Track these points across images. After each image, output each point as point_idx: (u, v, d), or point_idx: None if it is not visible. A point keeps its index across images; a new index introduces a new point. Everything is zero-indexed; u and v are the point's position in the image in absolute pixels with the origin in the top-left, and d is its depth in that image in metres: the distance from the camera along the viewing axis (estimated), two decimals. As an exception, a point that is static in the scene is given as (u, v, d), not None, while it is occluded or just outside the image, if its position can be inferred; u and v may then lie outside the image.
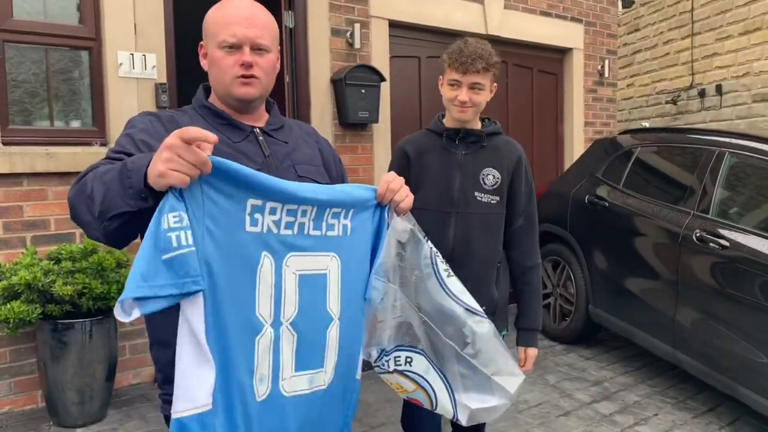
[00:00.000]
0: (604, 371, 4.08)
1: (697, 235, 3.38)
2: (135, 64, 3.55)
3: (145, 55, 3.58)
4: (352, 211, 1.37)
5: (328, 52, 4.38)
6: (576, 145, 5.99)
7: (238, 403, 1.18)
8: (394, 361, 1.44)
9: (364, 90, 4.35)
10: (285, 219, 1.24)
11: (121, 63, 3.52)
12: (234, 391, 1.17)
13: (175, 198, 1.08)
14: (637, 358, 4.27)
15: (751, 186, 3.42)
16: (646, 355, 4.21)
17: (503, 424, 3.26)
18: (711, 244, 3.29)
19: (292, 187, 1.24)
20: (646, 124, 7.16)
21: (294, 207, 1.25)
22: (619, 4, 6.52)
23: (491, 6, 5.23)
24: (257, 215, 1.20)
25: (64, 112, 3.52)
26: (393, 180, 1.43)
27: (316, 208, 1.29)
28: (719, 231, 3.29)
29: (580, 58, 6.02)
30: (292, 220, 1.25)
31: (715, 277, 3.28)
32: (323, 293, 1.33)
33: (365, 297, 1.41)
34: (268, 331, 1.23)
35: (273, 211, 1.22)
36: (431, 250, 1.45)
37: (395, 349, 1.43)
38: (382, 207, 1.43)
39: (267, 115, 1.63)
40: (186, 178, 1.08)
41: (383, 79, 4.46)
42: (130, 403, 3.42)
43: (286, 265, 1.25)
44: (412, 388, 1.46)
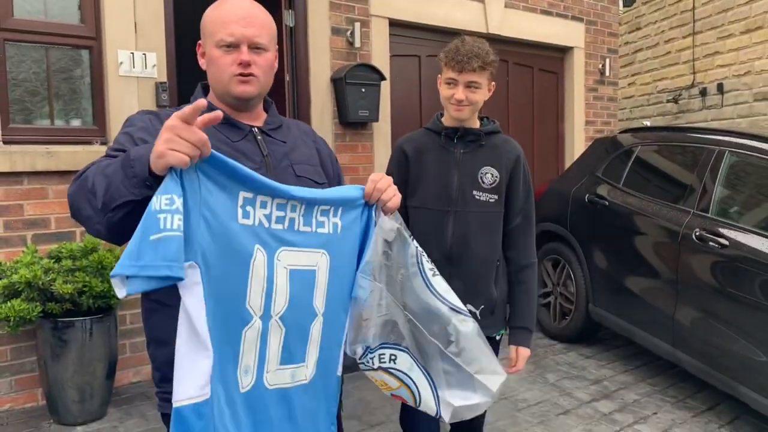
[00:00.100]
0: (603, 370, 4.08)
1: (696, 234, 3.38)
2: (135, 63, 3.56)
3: (145, 54, 3.59)
4: (341, 210, 1.38)
5: (329, 50, 4.38)
6: (577, 144, 5.99)
7: (222, 392, 1.18)
8: (379, 358, 1.45)
9: (365, 89, 4.35)
10: (275, 213, 1.26)
11: (121, 62, 3.53)
12: (220, 381, 1.18)
13: (173, 181, 1.07)
14: (637, 357, 4.27)
15: (750, 185, 3.42)
16: (645, 353, 4.21)
17: (502, 423, 3.26)
18: (710, 243, 3.29)
19: (280, 185, 1.25)
20: (647, 123, 7.16)
21: (283, 201, 1.26)
22: (620, 2, 6.52)
23: (492, 5, 5.23)
24: (249, 208, 1.21)
25: (64, 110, 3.53)
26: (380, 179, 1.44)
27: (304, 205, 1.30)
28: (719, 230, 3.29)
29: (580, 56, 6.02)
30: (282, 214, 1.27)
31: (714, 276, 3.28)
32: (311, 289, 1.34)
33: (351, 295, 1.43)
34: (257, 324, 1.24)
35: (263, 204, 1.23)
36: (417, 249, 1.47)
37: (380, 346, 1.45)
38: (369, 206, 1.44)
39: (265, 114, 1.63)
40: (185, 158, 1.06)
41: (383, 78, 4.46)
42: (131, 401, 3.43)
43: (278, 259, 1.26)
44: (396, 385, 1.48)
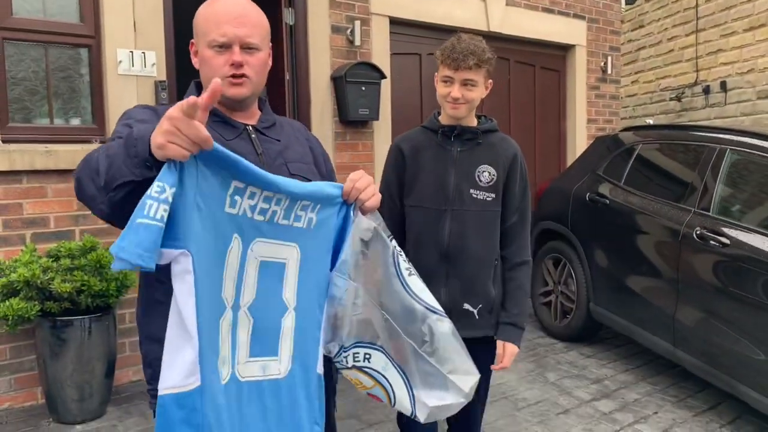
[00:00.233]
0: (604, 369, 4.06)
1: (697, 232, 3.36)
2: (134, 61, 3.56)
3: (144, 53, 3.59)
4: (319, 206, 1.38)
5: (329, 49, 4.37)
6: (578, 142, 5.97)
7: (209, 383, 1.17)
8: (353, 357, 1.45)
9: (365, 87, 4.34)
10: (261, 205, 1.26)
11: (120, 60, 3.52)
12: (206, 371, 1.16)
13: (169, 170, 1.06)
14: (638, 356, 4.26)
15: (752, 183, 3.40)
16: (646, 353, 4.19)
17: (502, 422, 3.25)
18: (711, 241, 3.26)
19: (272, 177, 1.25)
20: (650, 121, 7.11)
21: (271, 195, 1.26)
22: (622, 0, 6.49)
23: (493, 2, 5.21)
24: (237, 197, 1.21)
25: (63, 109, 3.53)
26: (359, 178, 1.43)
27: (289, 199, 1.30)
28: (720, 229, 3.27)
29: (582, 54, 6.00)
30: (266, 207, 1.27)
31: (715, 275, 3.26)
32: (280, 282, 1.33)
33: (327, 294, 1.42)
34: (229, 314, 1.24)
35: (252, 195, 1.23)
36: (395, 249, 1.47)
37: (354, 345, 1.45)
38: (348, 205, 1.43)
39: (259, 112, 1.62)
40: (185, 152, 1.06)
41: (384, 77, 4.45)
42: (130, 399, 3.43)
43: (251, 249, 1.27)
44: (371, 384, 1.48)
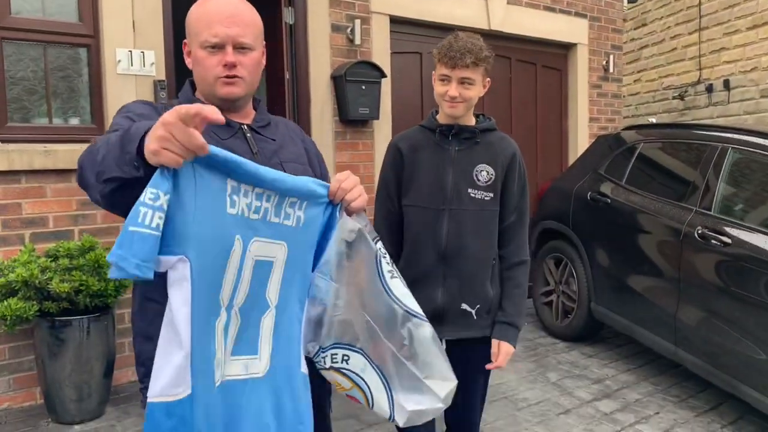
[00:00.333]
0: (606, 369, 4.04)
1: (699, 232, 3.34)
2: (133, 61, 3.55)
3: (143, 52, 3.58)
4: (306, 204, 1.36)
5: (329, 48, 4.35)
6: (580, 141, 5.94)
7: (199, 392, 1.15)
8: (331, 358, 1.44)
9: (365, 86, 4.33)
10: (254, 203, 1.24)
11: (119, 60, 3.51)
12: (199, 378, 1.14)
13: (162, 176, 1.04)
14: (639, 356, 4.23)
15: (754, 182, 3.37)
16: (648, 352, 4.17)
17: (502, 423, 3.23)
18: (713, 241, 3.24)
19: (262, 170, 1.23)
20: (653, 120, 7.09)
21: (261, 191, 1.25)
22: (625, -2, 6.46)
23: (494, 1, 5.18)
24: (235, 197, 1.19)
25: (62, 109, 3.52)
26: (346, 179, 1.42)
27: (278, 195, 1.29)
28: (721, 228, 3.25)
29: (584, 53, 5.97)
30: (259, 204, 1.25)
31: (717, 275, 3.24)
32: (266, 280, 1.32)
33: (308, 293, 1.41)
34: (223, 315, 1.22)
35: (246, 193, 1.22)
36: (379, 251, 1.45)
37: (332, 346, 1.44)
38: (334, 205, 1.42)
39: (254, 112, 1.61)
40: (179, 159, 1.03)
41: (384, 76, 4.43)
42: (129, 399, 3.42)
43: (249, 249, 1.25)
44: (349, 386, 1.47)
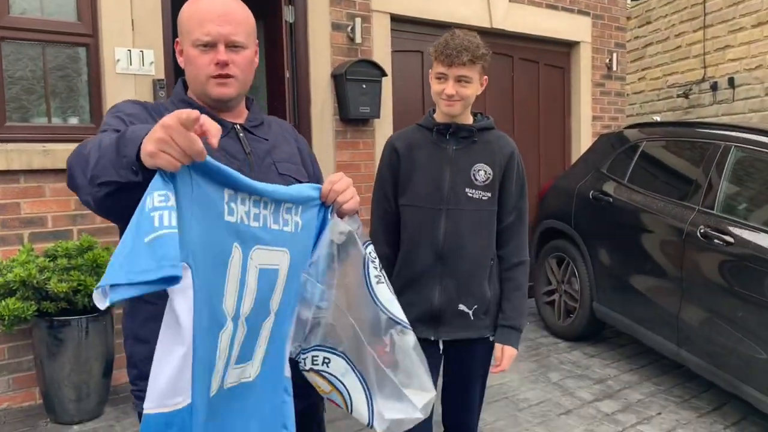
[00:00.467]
0: (608, 369, 4.02)
1: (701, 231, 3.31)
2: (132, 60, 3.54)
3: (142, 51, 3.57)
4: (301, 208, 1.35)
5: (329, 47, 4.34)
6: (583, 140, 5.90)
7: (199, 400, 1.14)
8: (311, 360, 1.42)
9: (365, 85, 4.31)
10: (253, 210, 1.22)
11: (118, 59, 3.50)
12: (198, 388, 1.13)
13: (164, 179, 1.02)
14: (642, 356, 4.20)
15: (757, 181, 3.34)
16: (651, 352, 4.14)
17: (502, 423, 3.21)
18: (715, 240, 3.21)
19: (255, 184, 1.22)
20: (657, 118, 7.04)
21: (258, 198, 1.24)
22: (628, -4, 6.42)
23: (496, -1, 5.16)
24: (233, 204, 1.18)
25: (61, 108, 3.52)
26: (338, 180, 1.40)
27: (274, 203, 1.27)
28: (724, 227, 3.22)
29: (587, 51, 5.93)
30: (257, 212, 1.24)
31: (719, 274, 3.21)
32: (272, 289, 1.30)
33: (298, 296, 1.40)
34: (229, 326, 1.20)
35: (243, 201, 1.20)
36: (368, 255, 1.44)
37: (313, 348, 1.42)
38: (326, 207, 1.40)
39: (247, 111, 1.59)
40: (177, 163, 1.01)
41: (384, 74, 4.41)
42: (128, 400, 3.40)
43: (251, 258, 1.23)
44: (328, 389, 1.45)
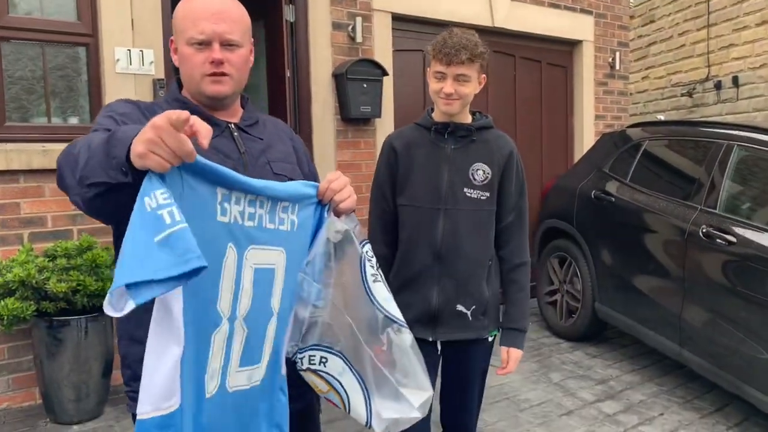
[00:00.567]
0: (610, 369, 4.00)
1: (703, 230, 3.29)
2: (132, 60, 3.53)
3: (142, 51, 3.56)
4: (297, 207, 1.34)
5: (330, 46, 4.32)
6: (586, 139, 5.88)
7: (193, 401, 1.13)
8: (309, 359, 1.42)
9: (366, 84, 4.29)
10: (248, 210, 1.22)
11: (118, 59, 3.50)
12: (189, 389, 1.12)
13: (159, 178, 1.02)
14: (645, 357, 4.18)
15: (760, 180, 3.31)
16: (653, 353, 4.12)
17: (503, 424, 3.20)
18: (718, 240, 3.19)
19: (251, 180, 1.21)
20: (662, 117, 7.01)
21: (254, 197, 1.23)
22: (631, -6, 6.39)
23: (497, -2, 5.14)
24: (226, 204, 1.17)
25: (61, 108, 3.52)
26: (336, 179, 1.39)
27: (270, 201, 1.26)
28: (726, 227, 3.19)
29: (590, 50, 5.91)
30: (252, 211, 1.23)
31: (722, 274, 3.18)
32: (270, 288, 1.30)
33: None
34: (225, 326, 1.20)
35: (237, 200, 1.19)
36: (365, 254, 1.43)
37: (310, 347, 1.41)
38: (323, 206, 1.39)
39: (242, 110, 1.59)
40: (166, 164, 1.00)
41: (385, 74, 4.39)
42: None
43: (246, 258, 1.22)
44: (326, 389, 1.44)
